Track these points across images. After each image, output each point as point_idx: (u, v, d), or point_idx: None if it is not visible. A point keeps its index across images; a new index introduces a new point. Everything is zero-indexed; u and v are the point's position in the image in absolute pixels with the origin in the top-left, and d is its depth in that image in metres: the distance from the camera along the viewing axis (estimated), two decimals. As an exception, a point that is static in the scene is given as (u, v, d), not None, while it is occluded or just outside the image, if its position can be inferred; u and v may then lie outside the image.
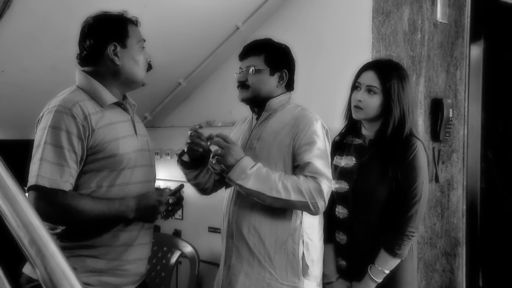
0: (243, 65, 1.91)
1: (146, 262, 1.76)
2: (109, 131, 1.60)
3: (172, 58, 2.92)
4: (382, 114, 1.94)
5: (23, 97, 2.64)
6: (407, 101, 1.93)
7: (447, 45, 3.09)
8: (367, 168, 1.95)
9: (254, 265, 1.81)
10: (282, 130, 1.84)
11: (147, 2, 2.38)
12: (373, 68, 1.96)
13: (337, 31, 2.74)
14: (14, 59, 2.41)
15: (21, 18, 2.16)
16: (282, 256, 1.81)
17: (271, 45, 1.93)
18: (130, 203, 1.59)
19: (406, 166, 1.88)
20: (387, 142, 1.92)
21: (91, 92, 1.64)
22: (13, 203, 0.87)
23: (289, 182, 1.69)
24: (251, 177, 1.68)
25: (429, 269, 3.02)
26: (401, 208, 1.88)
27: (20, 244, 0.82)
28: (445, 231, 3.14)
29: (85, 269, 1.58)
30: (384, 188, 1.90)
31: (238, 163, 1.69)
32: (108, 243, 1.61)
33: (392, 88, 1.91)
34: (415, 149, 1.88)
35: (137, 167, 1.68)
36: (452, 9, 3.09)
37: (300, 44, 2.87)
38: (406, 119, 1.92)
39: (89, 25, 1.67)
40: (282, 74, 1.91)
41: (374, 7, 2.61)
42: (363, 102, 1.94)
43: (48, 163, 1.50)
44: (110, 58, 1.65)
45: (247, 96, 1.89)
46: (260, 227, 1.81)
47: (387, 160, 1.91)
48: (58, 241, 1.58)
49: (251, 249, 1.81)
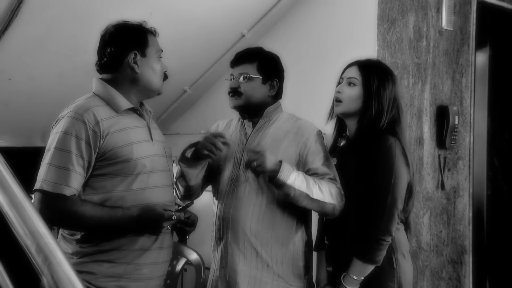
0: (235, 72, 1.91)
1: (164, 265, 1.76)
2: (122, 136, 1.63)
3: (178, 65, 2.92)
4: (361, 109, 1.92)
5: (30, 105, 2.66)
6: (387, 98, 1.89)
7: (453, 52, 3.09)
8: (343, 167, 1.92)
9: (263, 269, 1.81)
10: (284, 138, 1.85)
11: (153, 10, 2.40)
12: (356, 64, 1.98)
13: (342, 39, 2.74)
14: (21, 67, 2.43)
15: (29, 26, 2.19)
16: (288, 258, 1.83)
17: (264, 54, 1.94)
18: (132, 213, 1.60)
19: (378, 165, 1.82)
20: (362, 139, 1.89)
21: (106, 98, 1.67)
22: (20, 211, 0.87)
23: (322, 185, 1.74)
24: (297, 178, 1.70)
25: (435, 277, 3.00)
26: (374, 210, 1.81)
27: (27, 252, 0.82)
28: (451, 238, 3.12)
29: (103, 274, 1.59)
30: (359, 188, 1.85)
31: (283, 165, 1.69)
32: (125, 248, 1.62)
33: (371, 81, 1.90)
34: (387, 147, 1.81)
35: (154, 172, 1.69)
36: (457, 16, 3.09)
37: (305, 52, 2.89)
38: (384, 114, 1.88)
39: (110, 33, 1.70)
40: (273, 83, 1.92)
41: (379, 15, 2.62)
42: (342, 94, 1.94)
43: (55, 168, 1.54)
44: (130, 66, 1.68)
45: (239, 103, 1.89)
46: (264, 230, 1.81)
47: (360, 158, 1.87)
48: (78, 246, 1.61)
49: (258, 252, 1.81)
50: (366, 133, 1.89)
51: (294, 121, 1.92)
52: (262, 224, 1.81)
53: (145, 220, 1.60)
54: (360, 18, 2.69)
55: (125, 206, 1.61)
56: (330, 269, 1.99)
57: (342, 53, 2.75)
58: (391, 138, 1.84)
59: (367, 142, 1.87)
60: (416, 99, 2.85)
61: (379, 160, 1.82)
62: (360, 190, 1.85)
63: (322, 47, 2.83)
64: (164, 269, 1.77)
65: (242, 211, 1.82)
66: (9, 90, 2.50)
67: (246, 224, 1.81)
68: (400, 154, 1.83)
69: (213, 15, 2.71)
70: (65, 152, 1.54)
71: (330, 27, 2.82)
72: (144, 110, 1.78)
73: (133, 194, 1.63)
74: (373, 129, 1.88)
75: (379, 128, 1.87)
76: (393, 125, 1.90)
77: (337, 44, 2.75)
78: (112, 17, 1.73)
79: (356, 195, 1.84)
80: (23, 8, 2.06)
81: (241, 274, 1.81)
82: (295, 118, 1.94)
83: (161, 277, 1.75)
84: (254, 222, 1.81)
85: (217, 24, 2.80)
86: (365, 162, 1.85)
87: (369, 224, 1.81)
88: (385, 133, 1.86)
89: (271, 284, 1.81)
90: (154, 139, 1.75)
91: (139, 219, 1.60)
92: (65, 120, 1.58)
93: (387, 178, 1.81)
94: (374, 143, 1.85)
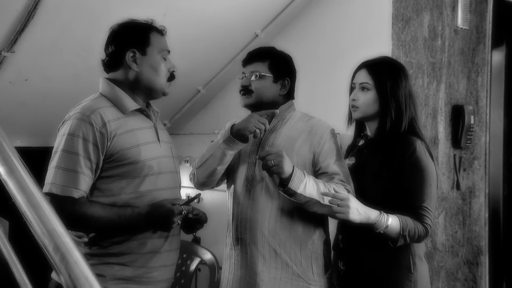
0: (246, 70, 1.92)
1: (173, 268, 1.76)
2: (129, 138, 1.62)
3: (191, 65, 2.94)
4: (379, 111, 1.91)
5: (46, 105, 2.69)
6: (403, 96, 1.88)
7: (468, 51, 3.06)
8: (362, 167, 1.91)
9: (282, 269, 1.81)
10: (298, 137, 1.85)
11: (167, 10, 2.41)
12: (365, 66, 1.95)
13: (356, 38, 2.73)
14: (37, 68, 2.46)
15: (44, 27, 2.21)
16: (308, 257, 1.83)
17: (276, 53, 1.95)
18: (142, 211, 1.59)
19: (409, 167, 1.79)
20: (385, 140, 1.88)
21: (113, 99, 1.66)
22: (37, 210, 0.88)
23: (333, 191, 1.72)
24: (307, 186, 1.69)
25: (451, 278, 2.97)
26: (407, 213, 1.77)
27: (44, 251, 0.83)
28: (467, 239, 3.09)
29: (113, 276, 1.59)
30: (378, 188, 1.83)
31: (294, 171, 1.68)
32: (136, 251, 1.62)
33: (385, 83, 1.88)
34: (414, 148, 1.80)
35: (162, 173, 1.68)
36: (473, 15, 3.06)
37: (318, 52, 2.88)
38: (403, 114, 1.86)
39: (113, 32, 1.70)
40: (284, 82, 1.92)
41: (394, 14, 2.60)
42: (357, 101, 1.93)
43: (63, 171, 1.53)
44: (128, 64, 1.67)
45: (250, 102, 1.90)
46: (282, 230, 1.81)
47: (382, 159, 1.85)
48: (87, 248, 1.60)
49: (277, 253, 1.81)
50: (389, 135, 1.87)
51: (307, 120, 1.92)
52: (280, 224, 1.81)
53: (156, 217, 1.59)
54: (375, 17, 2.67)
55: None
56: (343, 268, 1.97)
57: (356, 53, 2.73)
58: (414, 138, 1.83)
59: (389, 144, 1.86)
60: (431, 98, 2.83)
61: (411, 162, 1.79)
62: (378, 190, 1.83)
63: (336, 47, 2.82)
64: (172, 271, 1.76)
65: (259, 212, 1.82)
66: (25, 90, 2.53)
67: (264, 224, 1.81)
68: (426, 155, 1.82)
69: (227, 15, 2.71)
70: (73, 155, 1.53)
71: (344, 27, 2.80)
72: (151, 111, 1.77)
73: (141, 196, 1.62)
74: (394, 131, 1.86)
75: (401, 129, 1.86)
76: (413, 124, 1.89)
77: (351, 43, 2.74)
78: (126, 17, 1.73)
79: (374, 195, 1.82)
80: (39, 10, 2.09)
81: (261, 275, 1.81)
82: (308, 116, 1.94)
83: (169, 280, 1.75)
84: (272, 223, 1.81)
85: (230, 24, 2.81)
86: (389, 164, 1.83)
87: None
88: (407, 134, 1.86)
89: (291, 284, 1.81)
90: (161, 140, 1.74)
91: (149, 217, 1.59)
92: (72, 122, 1.57)
93: (423, 180, 1.78)
94: (398, 145, 1.84)
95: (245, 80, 1.90)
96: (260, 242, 1.82)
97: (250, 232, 1.84)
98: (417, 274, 1.83)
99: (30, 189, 0.91)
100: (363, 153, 1.96)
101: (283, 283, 1.80)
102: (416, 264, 1.84)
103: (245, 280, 1.84)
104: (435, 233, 2.87)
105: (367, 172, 1.87)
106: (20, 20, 2.12)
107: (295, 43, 2.02)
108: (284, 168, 1.65)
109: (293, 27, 3.03)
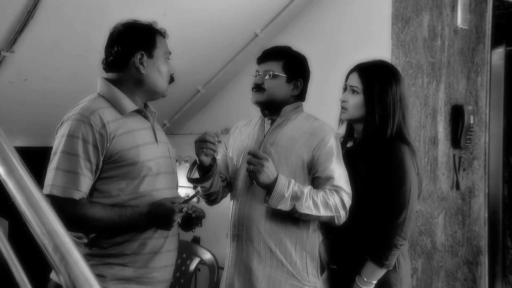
0: (260, 69, 1.93)
1: (172, 268, 1.76)
2: (128, 139, 1.61)
3: (191, 65, 2.94)
4: (366, 116, 1.93)
5: (45, 105, 2.69)
6: (391, 102, 1.89)
7: (468, 51, 3.06)
8: (352, 172, 1.90)
9: (277, 267, 1.81)
10: (300, 138, 1.85)
11: (167, 11, 2.41)
12: (357, 70, 1.98)
13: (355, 38, 2.73)
14: (37, 68, 2.46)
15: (44, 27, 2.21)
16: (303, 257, 1.83)
17: (291, 53, 1.95)
18: (142, 211, 1.59)
19: (392, 172, 1.83)
20: (369, 144, 1.90)
21: (111, 99, 1.65)
22: (37, 210, 0.88)
23: (318, 199, 1.74)
24: (288, 200, 1.71)
25: (451, 278, 2.97)
26: (389, 216, 1.82)
27: (44, 251, 0.83)
28: (466, 239, 3.09)
29: (113, 277, 1.58)
30: (367, 195, 1.86)
31: (276, 187, 1.69)
32: (136, 251, 1.62)
33: (373, 88, 1.90)
34: (399, 153, 1.83)
35: (160, 174, 1.68)
36: (473, 15, 3.06)
37: (318, 52, 2.87)
38: (390, 119, 1.88)
39: (118, 32, 1.68)
40: (297, 83, 1.92)
41: (394, 14, 2.60)
42: (346, 103, 1.97)
43: (63, 172, 1.52)
44: (135, 66, 1.66)
45: (261, 99, 1.90)
46: (278, 229, 1.82)
47: (371, 166, 1.87)
48: (87, 248, 1.60)
49: (273, 251, 1.81)
50: (371, 140, 1.90)
51: (312, 121, 1.92)
52: (275, 223, 1.82)
53: (156, 215, 1.59)
54: (374, 17, 2.68)
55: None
56: (334, 267, 1.99)
57: (356, 53, 2.73)
58: (400, 143, 1.86)
59: (375, 149, 1.88)
60: (431, 98, 2.83)
61: (394, 167, 1.83)
62: (368, 196, 1.86)
63: (336, 47, 2.82)
64: (172, 272, 1.76)
65: (257, 210, 1.83)
66: (25, 90, 2.53)
67: (260, 222, 1.82)
68: (410, 160, 1.85)
69: (227, 15, 2.71)
70: (73, 156, 1.53)
71: (343, 26, 2.80)
72: (149, 111, 1.77)
73: (140, 196, 1.62)
74: (378, 136, 1.88)
75: (387, 135, 1.88)
76: (401, 128, 1.91)
77: (351, 43, 2.74)
78: (126, 18, 1.73)
79: (361, 199, 1.85)
80: (39, 10, 2.08)
81: (256, 272, 1.81)
82: (313, 118, 1.94)
83: (168, 281, 1.75)
84: (268, 221, 1.82)
85: (230, 24, 2.81)
86: (377, 171, 1.86)
87: (385, 229, 1.82)
88: (395, 140, 1.88)
89: (285, 283, 1.81)
90: (159, 140, 1.74)
91: (149, 216, 1.59)
92: (71, 123, 1.55)
93: (403, 184, 1.82)
94: (385, 152, 1.86)
95: (258, 78, 1.91)
96: (256, 239, 1.82)
97: (247, 229, 1.85)
98: (402, 273, 1.89)
99: (30, 189, 0.91)
100: (350, 157, 1.97)
101: (277, 281, 1.81)
102: (400, 263, 1.89)
103: (241, 276, 1.86)
104: (435, 233, 2.87)
105: (356, 178, 1.88)
106: (19, 20, 2.12)
107: (294, 43, 2.03)
108: (259, 178, 1.68)
109: (292, 27, 3.04)
